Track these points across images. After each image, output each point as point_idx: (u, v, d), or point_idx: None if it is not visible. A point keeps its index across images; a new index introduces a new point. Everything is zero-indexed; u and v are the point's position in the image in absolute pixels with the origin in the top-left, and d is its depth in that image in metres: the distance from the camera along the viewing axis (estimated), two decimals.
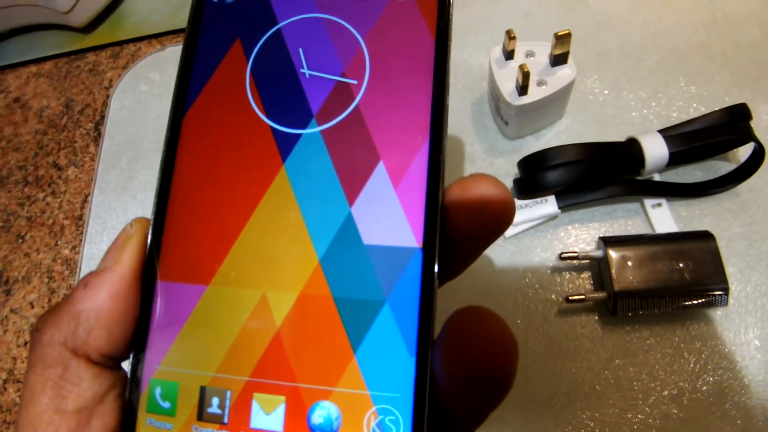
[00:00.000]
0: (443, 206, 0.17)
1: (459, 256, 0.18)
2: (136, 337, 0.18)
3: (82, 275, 0.39)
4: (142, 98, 0.44)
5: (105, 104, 0.45)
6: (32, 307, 0.39)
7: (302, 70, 0.19)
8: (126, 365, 0.18)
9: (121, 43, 0.47)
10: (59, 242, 0.41)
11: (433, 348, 0.16)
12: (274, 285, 0.17)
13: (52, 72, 0.48)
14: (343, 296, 0.17)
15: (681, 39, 0.40)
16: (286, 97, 0.19)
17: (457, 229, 0.17)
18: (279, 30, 0.19)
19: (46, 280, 0.40)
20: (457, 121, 0.39)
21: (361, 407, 0.16)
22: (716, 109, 0.35)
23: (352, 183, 0.18)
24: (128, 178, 0.42)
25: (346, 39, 0.19)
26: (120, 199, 0.41)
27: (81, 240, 0.40)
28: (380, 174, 0.18)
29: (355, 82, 0.18)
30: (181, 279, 0.18)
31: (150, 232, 0.18)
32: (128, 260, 0.17)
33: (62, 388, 0.16)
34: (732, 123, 0.34)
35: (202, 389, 0.17)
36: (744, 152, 0.35)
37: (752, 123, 0.34)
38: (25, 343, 0.38)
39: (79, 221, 0.42)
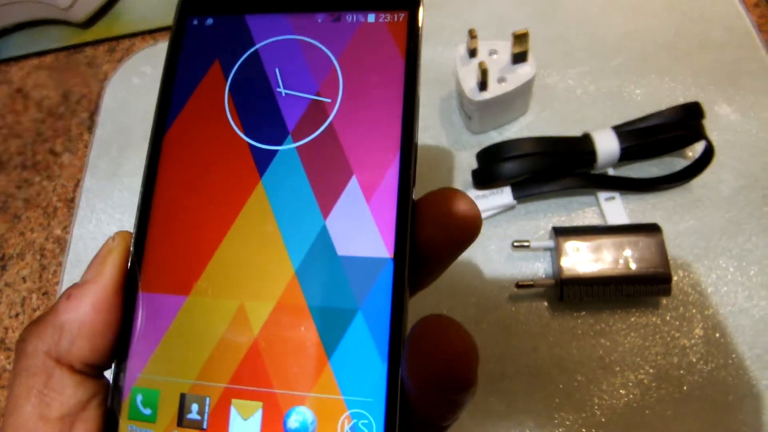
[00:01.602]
0: (413, 219, 0.18)
1: (429, 268, 0.18)
2: (119, 346, 0.18)
3: (71, 254, 0.41)
4: (134, 90, 0.46)
5: (100, 95, 0.47)
6: (24, 281, 0.42)
7: (278, 89, 0.20)
8: (108, 374, 0.18)
9: (117, 39, 0.50)
10: (52, 223, 0.44)
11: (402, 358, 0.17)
12: (251, 295, 0.18)
13: (52, 65, 0.50)
14: (317, 305, 0.18)
15: (648, 40, 0.41)
16: (262, 115, 0.20)
17: (427, 242, 0.18)
18: (256, 51, 0.20)
19: (39, 257, 0.43)
20: (426, 115, 0.41)
21: (336, 412, 0.17)
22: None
23: (327, 197, 0.18)
24: (118, 164, 0.44)
25: (321, 60, 0.20)
26: (110, 183, 0.43)
27: (71, 221, 0.43)
28: (353, 188, 0.18)
29: (329, 100, 0.19)
30: (161, 290, 0.18)
31: (132, 244, 0.19)
32: (110, 272, 0.18)
33: (46, 396, 0.17)
34: (684, 121, 0.36)
35: (182, 396, 0.18)
36: (699, 149, 0.36)
37: (708, 123, 0.36)
38: (17, 315, 0.41)
39: (71, 203, 0.44)
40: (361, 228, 0.18)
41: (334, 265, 0.18)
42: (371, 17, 0.20)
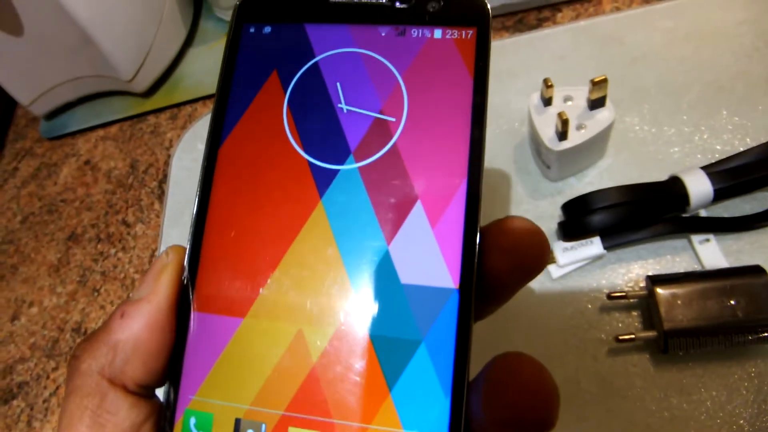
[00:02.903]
0: (480, 247, 0.17)
1: (493, 297, 0.18)
2: (171, 366, 0.18)
3: None
4: (199, 155, 0.47)
5: (167, 163, 0.48)
6: None
7: (340, 105, 0.19)
8: (160, 393, 0.18)
9: (178, 105, 0.51)
10: (131, 295, 0.44)
11: (471, 392, 0.16)
12: (310, 320, 0.17)
13: (117, 135, 0.51)
14: (379, 334, 0.17)
15: (720, 69, 0.40)
16: (323, 132, 0.19)
17: (493, 270, 0.17)
18: (317, 63, 0.19)
19: None
20: (500, 165, 0.40)
21: None
22: (761, 140, 0.36)
23: (390, 221, 0.18)
24: None
25: (384, 75, 0.19)
26: None
27: None
28: (418, 213, 0.18)
29: (393, 119, 0.19)
30: (216, 310, 0.18)
31: (186, 261, 0.18)
32: (164, 290, 0.18)
33: (100, 416, 0.16)
34: None
35: (237, 421, 0.17)
36: None
37: None
38: None
39: None
40: (426, 256, 0.17)
41: (397, 293, 0.17)
42: (438, 33, 0.19)
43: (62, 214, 0.49)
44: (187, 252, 0.18)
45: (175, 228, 0.45)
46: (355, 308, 0.17)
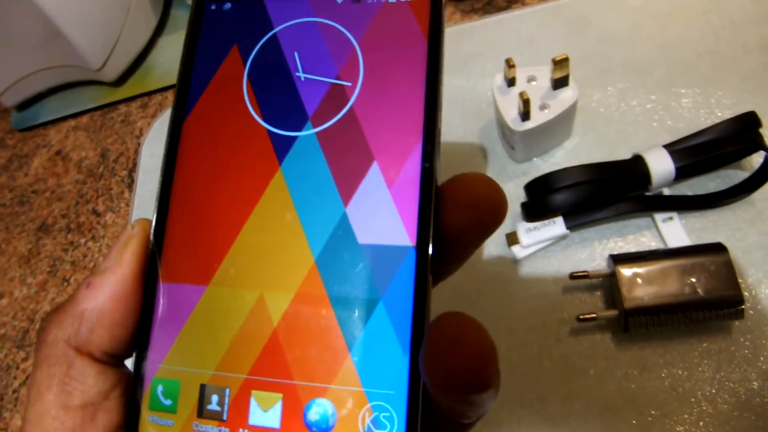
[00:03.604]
0: (437, 206, 0.17)
1: (452, 255, 0.18)
2: (139, 336, 0.18)
3: None
4: None
5: (137, 152, 0.48)
6: None
7: (297, 74, 0.19)
8: (129, 363, 0.18)
9: (149, 94, 0.50)
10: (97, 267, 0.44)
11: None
12: (271, 285, 0.18)
13: (88, 125, 0.51)
14: (338, 295, 0.17)
15: (688, 48, 0.40)
16: (282, 101, 0.19)
17: (450, 227, 0.17)
18: (275, 35, 0.20)
19: None
20: (466, 147, 0.40)
21: (357, 404, 0.16)
22: (726, 117, 0.35)
23: (347, 183, 0.18)
24: None
25: (341, 42, 0.19)
26: None
27: None
28: (375, 174, 0.18)
29: (349, 84, 0.19)
30: (181, 279, 0.18)
31: (151, 233, 0.19)
32: (129, 261, 0.18)
33: (67, 384, 0.17)
34: (740, 132, 0.34)
35: (202, 387, 0.17)
36: (758, 159, 0.35)
37: (764, 129, 0.34)
38: None
39: None
40: (383, 215, 0.17)
41: (355, 253, 0.17)
42: None
43: (33, 204, 0.49)
44: (152, 223, 0.19)
45: (145, 216, 0.44)
46: (314, 271, 0.17)
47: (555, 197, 0.34)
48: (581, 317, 0.33)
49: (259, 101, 0.19)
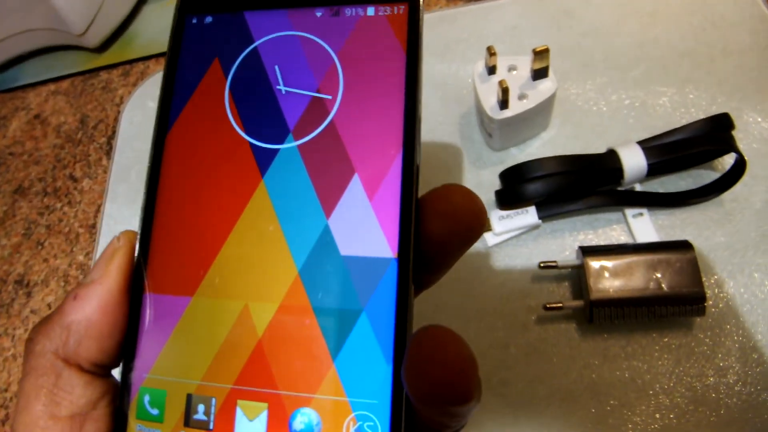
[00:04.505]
0: (417, 217, 0.17)
1: (433, 266, 0.18)
2: (126, 346, 0.18)
3: None
4: (149, 114, 0.46)
5: (116, 120, 0.47)
6: (50, 308, 0.42)
7: (278, 87, 0.20)
8: (116, 373, 0.18)
9: (131, 62, 0.50)
10: (74, 249, 0.44)
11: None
12: (255, 296, 0.18)
13: (68, 90, 0.50)
14: (321, 306, 0.17)
15: (668, 48, 0.41)
16: (263, 114, 0.19)
17: (431, 238, 0.17)
18: (256, 48, 0.20)
19: (63, 283, 0.43)
20: (445, 133, 0.40)
21: (341, 413, 0.17)
22: (701, 117, 0.36)
23: (329, 195, 0.18)
24: (137, 190, 0.44)
25: (320, 55, 0.20)
26: (130, 209, 0.43)
27: (94, 247, 0.43)
28: (355, 186, 0.18)
29: (329, 97, 0.19)
30: (166, 290, 0.19)
31: (137, 245, 0.19)
32: (116, 273, 0.18)
33: (56, 395, 0.17)
34: (713, 133, 0.35)
35: (189, 397, 0.18)
36: (729, 160, 0.35)
37: (737, 132, 0.35)
38: None
39: (93, 229, 0.44)
40: (364, 227, 0.18)
41: (337, 265, 0.18)
42: (371, 10, 0.20)
43: (10, 167, 0.48)
44: (138, 235, 0.19)
45: (122, 184, 0.44)
46: (298, 282, 0.18)
47: (529, 186, 0.34)
48: (548, 306, 0.33)
49: (240, 114, 0.20)
